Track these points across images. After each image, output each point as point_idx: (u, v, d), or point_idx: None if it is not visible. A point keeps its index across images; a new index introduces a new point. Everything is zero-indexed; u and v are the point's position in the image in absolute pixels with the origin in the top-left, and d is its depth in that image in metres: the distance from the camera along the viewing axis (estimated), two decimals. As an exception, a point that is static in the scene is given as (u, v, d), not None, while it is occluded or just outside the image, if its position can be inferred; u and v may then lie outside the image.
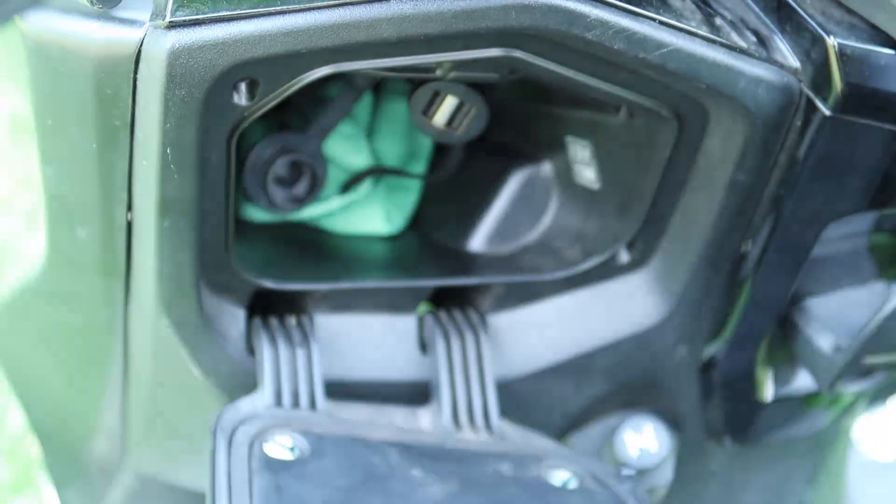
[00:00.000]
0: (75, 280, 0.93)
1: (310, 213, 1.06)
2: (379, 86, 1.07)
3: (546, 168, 1.02)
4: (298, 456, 0.87)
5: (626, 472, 1.02)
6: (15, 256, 1.08)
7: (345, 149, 1.05)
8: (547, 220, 1.02)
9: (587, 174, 0.97)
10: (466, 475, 0.90)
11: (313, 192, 0.99)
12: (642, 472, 1.03)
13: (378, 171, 1.07)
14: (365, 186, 1.07)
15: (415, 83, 0.94)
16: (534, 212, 1.02)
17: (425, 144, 1.08)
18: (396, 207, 1.09)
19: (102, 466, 1.11)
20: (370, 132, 1.08)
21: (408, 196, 1.09)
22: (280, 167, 0.97)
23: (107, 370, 1.00)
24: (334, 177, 1.06)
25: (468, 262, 1.01)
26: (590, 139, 0.95)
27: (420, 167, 1.09)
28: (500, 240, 1.02)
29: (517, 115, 1.01)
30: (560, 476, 0.92)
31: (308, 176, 0.98)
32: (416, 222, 1.10)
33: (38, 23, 0.77)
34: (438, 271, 0.99)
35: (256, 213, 1.03)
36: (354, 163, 1.06)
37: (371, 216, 1.07)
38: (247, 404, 0.90)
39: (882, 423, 1.42)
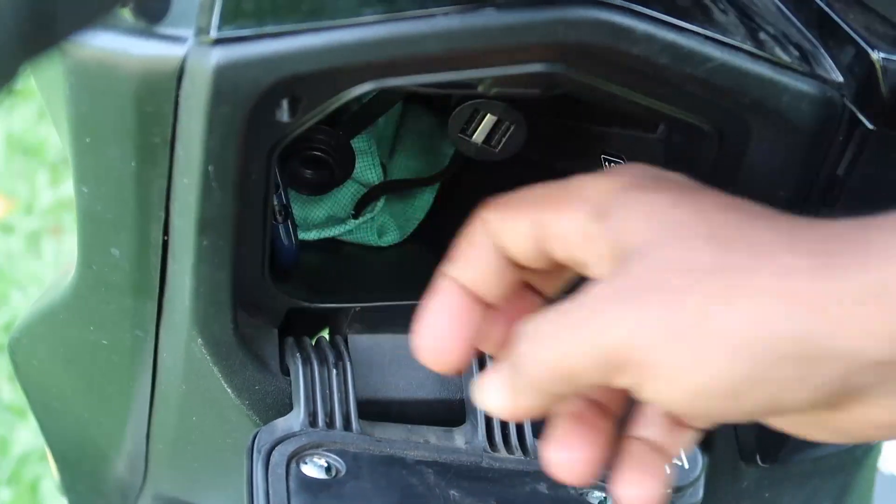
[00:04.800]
0: (106, 299, 0.92)
1: (328, 233, 1.06)
2: (406, 100, 1.07)
3: None
4: (335, 476, 0.87)
5: (663, 490, 1.01)
6: (15, 278, 1.07)
7: (360, 165, 1.04)
8: None
9: (621, 191, 0.96)
10: (504, 495, 0.90)
11: (332, 183, 1.00)
12: (675, 491, 1.03)
13: (392, 187, 1.07)
14: (380, 203, 1.06)
15: (446, 99, 0.93)
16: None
17: (443, 160, 1.08)
18: (407, 219, 1.09)
19: (123, 489, 1.10)
20: (392, 147, 1.08)
21: (421, 205, 1.09)
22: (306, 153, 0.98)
23: (133, 391, 1.00)
24: (348, 192, 1.06)
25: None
26: (626, 157, 0.95)
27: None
28: None
29: (550, 132, 1.00)
30: (596, 495, 0.92)
31: (328, 170, 0.98)
32: (443, 240, 1.09)
33: (79, 39, 0.76)
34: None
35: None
36: (368, 178, 1.05)
37: (384, 230, 1.07)
38: (282, 424, 0.89)
39: (908, 440, 1.41)
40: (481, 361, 0.95)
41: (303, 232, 1.04)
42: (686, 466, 1.04)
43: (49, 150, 2.51)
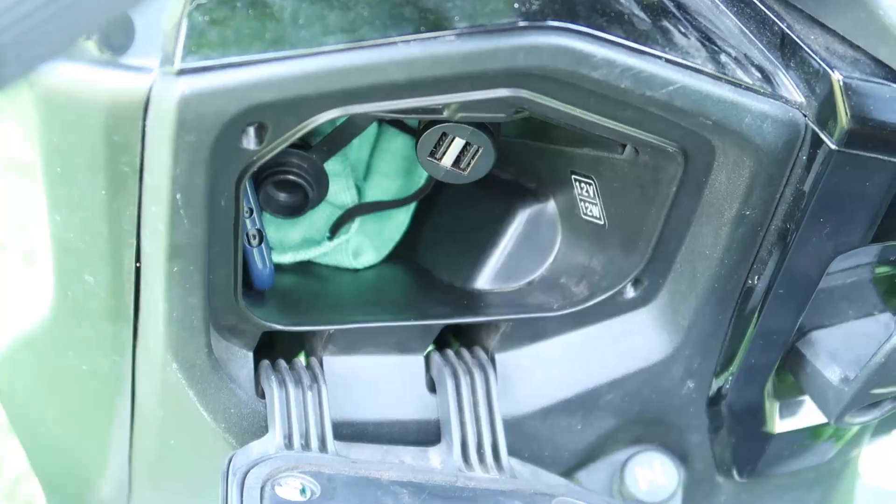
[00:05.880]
0: (82, 326, 0.93)
1: (303, 256, 1.06)
2: (378, 122, 1.08)
3: (551, 204, 1.02)
4: (310, 497, 0.87)
5: (638, 506, 1.02)
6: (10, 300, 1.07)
7: (334, 187, 1.05)
8: (552, 257, 1.02)
9: (592, 210, 0.97)
10: (478, 514, 0.90)
11: (306, 206, 1.00)
12: (651, 507, 1.03)
13: (366, 209, 1.07)
14: (355, 225, 1.07)
15: (420, 123, 0.94)
16: (539, 248, 1.02)
17: (418, 181, 1.08)
18: (383, 241, 1.09)
19: (107, 511, 1.11)
20: (366, 169, 1.09)
21: (396, 226, 1.10)
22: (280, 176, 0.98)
23: (113, 415, 1.00)
24: (323, 214, 1.06)
25: (475, 301, 1.01)
26: (595, 176, 0.96)
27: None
28: (506, 277, 1.02)
29: (520, 153, 1.01)
30: (573, 512, 0.92)
31: (302, 193, 0.99)
32: (418, 260, 1.10)
33: (47, 71, 0.77)
34: (446, 310, 0.99)
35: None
36: (342, 200, 1.06)
37: (359, 251, 1.08)
38: (258, 447, 0.90)
39: (887, 451, 1.42)
40: (456, 381, 0.96)
41: (278, 255, 1.05)
42: (662, 482, 1.05)
43: None
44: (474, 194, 1.07)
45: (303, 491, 0.87)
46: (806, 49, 0.84)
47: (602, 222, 0.97)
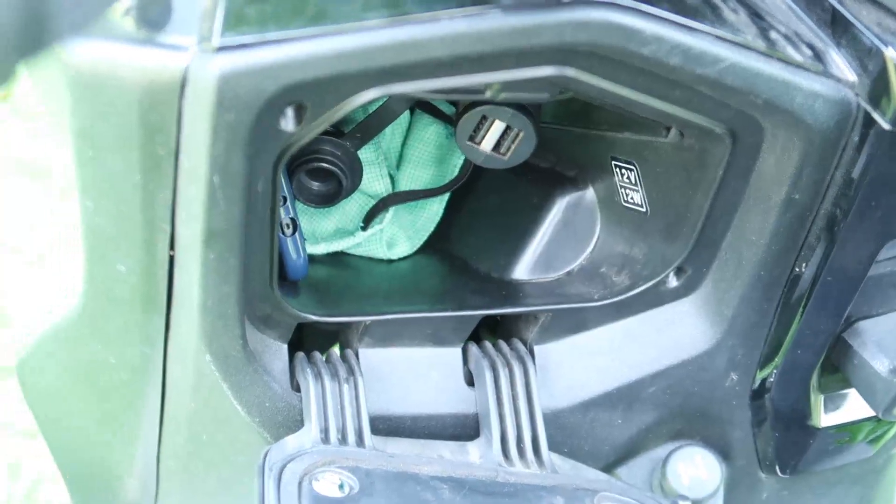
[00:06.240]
0: (112, 316, 0.90)
1: (336, 246, 1.04)
2: (412, 110, 1.06)
3: (590, 192, 1.00)
4: (349, 493, 0.85)
5: (682, 502, 0.99)
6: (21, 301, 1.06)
7: (367, 176, 1.03)
8: (592, 246, 0.99)
9: (633, 197, 0.95)
10: (520, 509, 0.88)
11: (340, 195, 0.98)
12: (695, 503, 1.01)
13: (400, 199, 1.05)
14: (389, 214, 1.05)
15: (454, 107, 0.92)
16: (578, 237, 1.00)
17: (451, 170, 1.06)
18: (416, 231, 1.07)
19: (134, 508, 1.09)
20: (400, 157, 1.07)
21: (430, 216, 1.08)
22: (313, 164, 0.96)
23: (142, 409, 0.98)
24: (356, 204, 1.04)
25: (513, 291, 0.99)
26: (636, 161, 0.93)
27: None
28: (545, 267, 1.00)
29: (558, 140, 0.99)
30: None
31: (335, 182, 0.97)
32: (453, 250, 1.08)
33: (79, 51, 0.75)
34: (484, 301, 0.96)
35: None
36: (375, 189, 1.04)
37: (393, 242, 1.06)
38: (294, 441, 0.88)
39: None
40: (494, 374, 0.93)
41: (311, 245, 1.03)
42: (705, 478, 1.02)
43: None
44: (511, 182, 1.04)
45: (341, 486, 0.86)
46: (857, 25, 0.82)
47: (644, 209, 0.95)
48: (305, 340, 0.98)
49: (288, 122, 0.77)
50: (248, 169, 0.77)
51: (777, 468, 1.06)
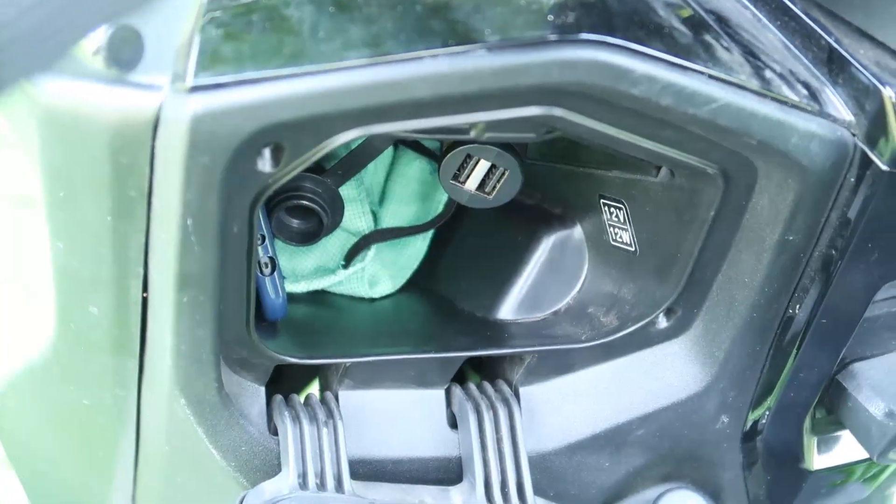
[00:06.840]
0: (85, 358, 0.88)
1: (317, 285, 1.02)
2: (395, 145, 1.03)
3: (577, 230, 0.97)
4: (327, 542, 0.83)
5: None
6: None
7: (348, 213, 1.01)
8: (579, 286, 0.97)
9: (622, 236, 0.93)
10: (504, 558, 0.86)
11: (321, 232, 0.96)
12: (684, 549, 0.99)
13: (383, 236, 1.03)
14: (371, 252, 1.03)
15: (442, 144, 0.90)
16: (565, 277, 0.97)
17: (436, 206, 1.04)
18: (399, 269, 1.05)
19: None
20: (382, 194, 1.04)
21: (413, 254, 1.05)
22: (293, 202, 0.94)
23: (116, 452, 0.96)
24: (337, 242, 1.02)
25: (498, 332, 0.97)
26: (625, 200, 0.91)
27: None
28: (531, 307, 0.98)
29: (545, 177, 0.97)
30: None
31: (316, 219, 0.95)
32: (437, 289, 1.05)
33: (49, 88, 0.72)
34: (468, 342, 0.94)
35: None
36: (357, 226, 1.02)
37: (375, 280, 1.04)
38: (271, 487, 0.85)
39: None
40: (479, 417, 0.91)
41: (290, 283, 1.00)
42: (695, 521, 1.00)
43: None
44: (496, 220, 1.02)
45: (319, 534, 0.83)
46: (855, 64, 0.79)
47: (633, 249, 0.92)
48: (284, 380, 0.96)
49: (265, 164, 0.74)
50: (223, 211, 0.74)
51: (768, 511, 1.04)
